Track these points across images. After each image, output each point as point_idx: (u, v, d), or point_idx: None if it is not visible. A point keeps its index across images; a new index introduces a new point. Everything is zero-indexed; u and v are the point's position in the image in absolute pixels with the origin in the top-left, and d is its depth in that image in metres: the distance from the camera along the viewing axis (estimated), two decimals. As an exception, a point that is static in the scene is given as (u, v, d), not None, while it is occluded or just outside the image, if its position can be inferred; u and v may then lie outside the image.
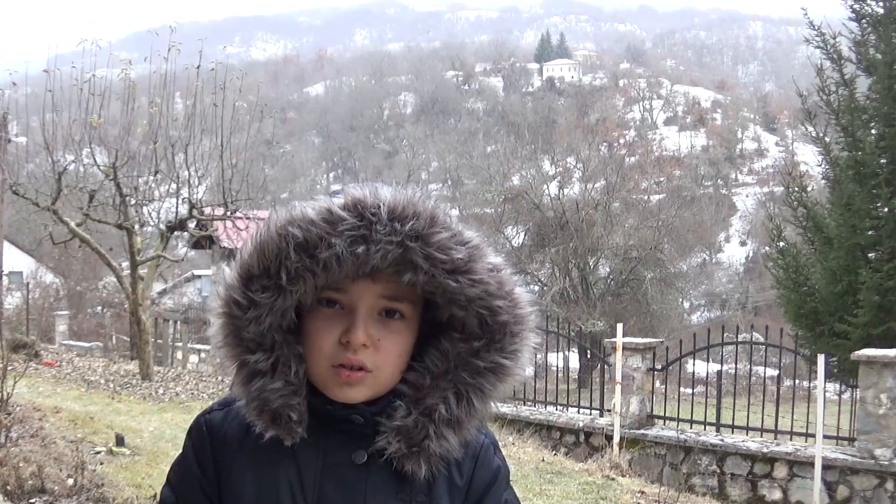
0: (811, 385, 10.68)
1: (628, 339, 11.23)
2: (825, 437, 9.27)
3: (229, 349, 1.30)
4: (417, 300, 1.32)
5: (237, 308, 1.26)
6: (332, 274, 1.23)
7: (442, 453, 1.30)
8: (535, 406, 12.73)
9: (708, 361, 18.47)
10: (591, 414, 11.96)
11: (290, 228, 1.23)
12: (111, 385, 12.09)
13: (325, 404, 1.31)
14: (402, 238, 1.22)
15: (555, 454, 9.94)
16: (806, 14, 15.13)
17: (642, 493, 8.02)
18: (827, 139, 14.93)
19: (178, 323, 22.98)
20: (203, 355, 20.46)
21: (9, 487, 5.45)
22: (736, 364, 11.45)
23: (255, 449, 1.32)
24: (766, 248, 27.56)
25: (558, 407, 12.60)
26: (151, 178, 11.08)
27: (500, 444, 1.47)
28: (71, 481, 5.71)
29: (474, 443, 1.40)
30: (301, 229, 1.23)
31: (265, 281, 1.25)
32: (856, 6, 14.45)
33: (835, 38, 14.79)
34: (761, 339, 13.21)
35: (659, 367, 11.36)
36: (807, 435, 9.84)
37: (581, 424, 11.52)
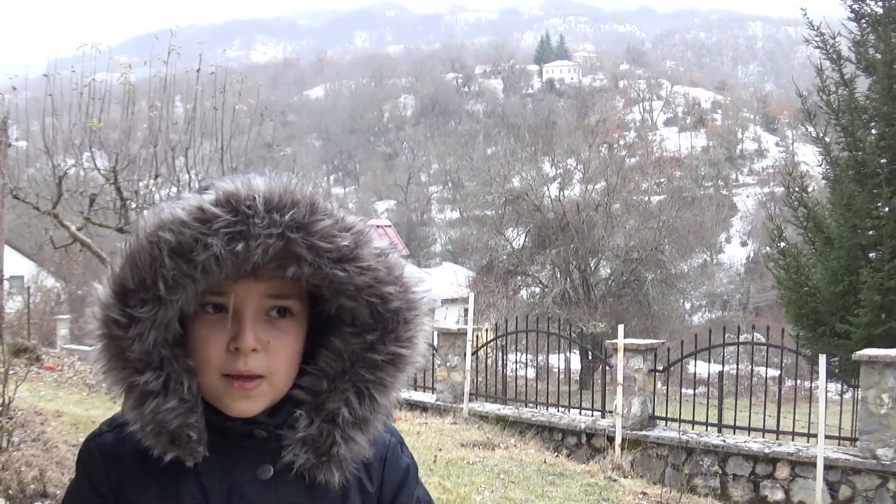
0: (813, 385, 10.67)
1: (629, 341, 11.23)
2: (827, 437, 9.26)
3: (115, 373, 1.20)
4: (304, 295, 1.25)
5: (117, 328, 1.17)
6: (212, 277, 1.15)
7: (352, 456, 1.26)
8: (536, 408, 12.73)
9: (709, 362, 18.50)
10: (592, 415, 11.95)
11: (161, 234, 1.14)
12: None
13: (225, 421, 1.23)
14: (282, 230, 1.14)
15: (557, 456, 9.94)
16: (805, 14, 15.14)
17: (644, 494, 8.02)
18: (827, 139, 14.93)
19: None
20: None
21: (11, 492, 5.45)
22: (737, 364, 11.44)
23: (155, 471, 1.24)
24: (767, 248, 27.56)
25: (560, 408, 12.59)
26: (152, 181, 11.08)
27: (499, 445, 1.46)
28: (73, 485, 5.71)
29: (381, 444, 1.35)
30: (173, 233, 1.14)
31: (142, 294, 1.15)
32: (855, 6, 14.46)
33: (834, 38, 14.79)
34: (762, 340, 13.22)
35: (660, 367, 11.34)
36: (808, 435, 9.84)
37: (583, 426, 11.51)
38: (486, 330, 15.56)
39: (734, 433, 10.61)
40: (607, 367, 12.06)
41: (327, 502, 1.28)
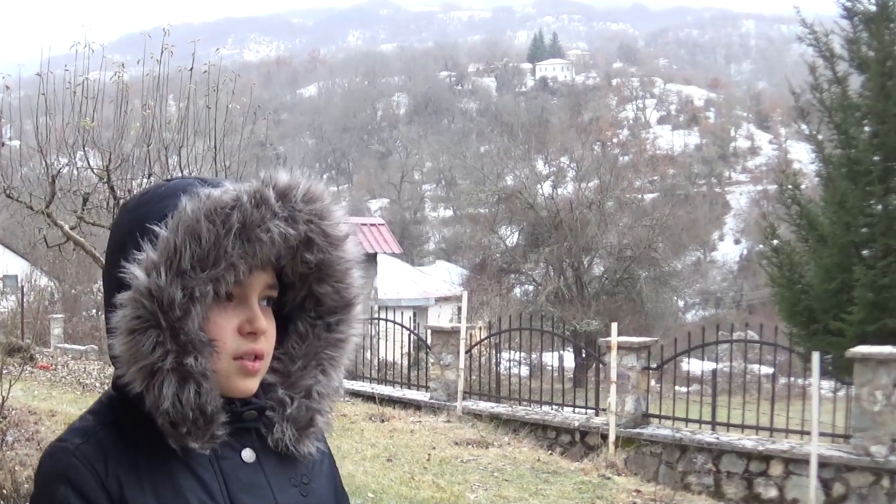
0: (806, 383, 10.71)
1: (623, 338, 11.25)
2: (821, 434, 9.29)
3: (158, 358, 1.18)
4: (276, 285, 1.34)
5: (171, 309, 1.17)
6: (256, 259, 1.21)
7: (325, 428, 1.38)
8: (530, 406, 12.73)
9: (703, 360, 18.45)
10: (586, 413, 11.97)
11: (227, 212, 1.19)
12: (106, 388, 12.08)
13: (228, 403, 1.26)
14: (314, 218, 1.26)
15: (550, 454, 9.95)
16: (798, 12, 15.19)
17: (638, 492, 8.04)
18: (820, 137, 14.97)
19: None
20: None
21: (5, 491, 5.44)
22: (731, 362, 11.47)
23: (146, 469, 1.21)
24: (760, 246, 27.62)
25: (554, 406, 12.60)
26: (145, 180, 11.04)
27: (492, 443, 1.50)
28: (67, 485, 5.70)
29: None
30: (240, 213, 1.19)
31: (198, 273, 1.18)
32: (848, 4, 14.49)
33: (827, 36, 14.83)
34: (756, 337, 13.21)
35: (654, 365, 11.36)
36: (802, 432, 9.86)
37: (576, 424, 11.52)
38: (480, 328, 15.57)
39: (728, 431, 10.63)
40: (601, 365, 12.08)
41: (300, 475, 1.37)
